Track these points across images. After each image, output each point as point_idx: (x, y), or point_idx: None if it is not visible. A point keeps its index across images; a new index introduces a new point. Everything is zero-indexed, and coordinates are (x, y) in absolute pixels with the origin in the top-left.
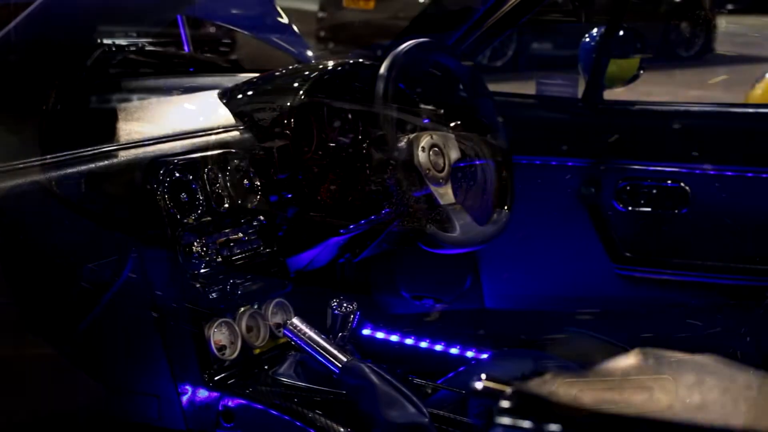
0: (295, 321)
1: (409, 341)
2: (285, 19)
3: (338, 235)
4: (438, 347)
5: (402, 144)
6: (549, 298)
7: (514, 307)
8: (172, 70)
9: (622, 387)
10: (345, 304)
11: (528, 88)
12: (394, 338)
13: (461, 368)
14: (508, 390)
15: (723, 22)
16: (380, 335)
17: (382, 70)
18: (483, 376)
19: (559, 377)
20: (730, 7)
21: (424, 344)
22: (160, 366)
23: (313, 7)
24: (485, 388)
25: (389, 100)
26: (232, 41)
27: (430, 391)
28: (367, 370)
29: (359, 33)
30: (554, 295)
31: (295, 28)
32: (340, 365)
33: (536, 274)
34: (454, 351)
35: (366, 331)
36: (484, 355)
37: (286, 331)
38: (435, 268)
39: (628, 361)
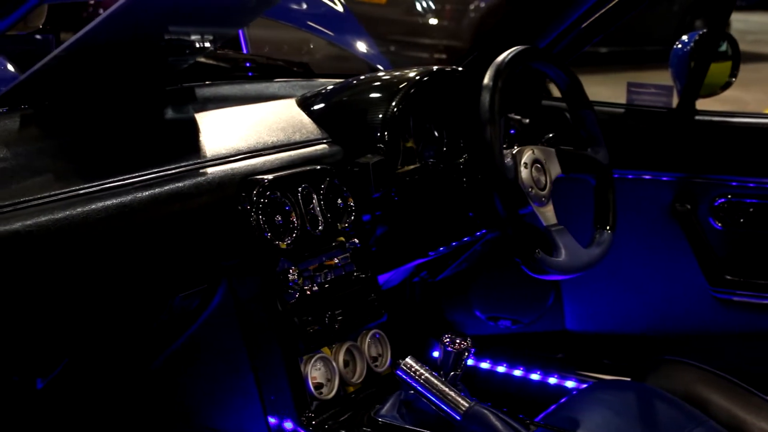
0: (409, 360)
1: (484, 365)
2: (353, 19)
3: (426, 256)
4: (517, 372)
5: (508, 160)
6: (638, 320)
7: (598, 329)
8: (242, 76)
9: None
10: (458, 341)
11: None
12: (468, 362)
13: (553, 406)
14: None
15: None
16: None
17: (487, 80)
18: None
19: None
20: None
21: (501, 368)
22: (251, 405)
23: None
24: None
25: (496, 113)
26: (301, 44)
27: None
28: (492, 417)
29: (370, 29)
30: (644, 318)
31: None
32: (462, 410)
33: (624, 294)
34: (534, 377)
35: (436, 354)
36: (570, 383)
37: (399, 372)
38: (512, 286)
39: None
